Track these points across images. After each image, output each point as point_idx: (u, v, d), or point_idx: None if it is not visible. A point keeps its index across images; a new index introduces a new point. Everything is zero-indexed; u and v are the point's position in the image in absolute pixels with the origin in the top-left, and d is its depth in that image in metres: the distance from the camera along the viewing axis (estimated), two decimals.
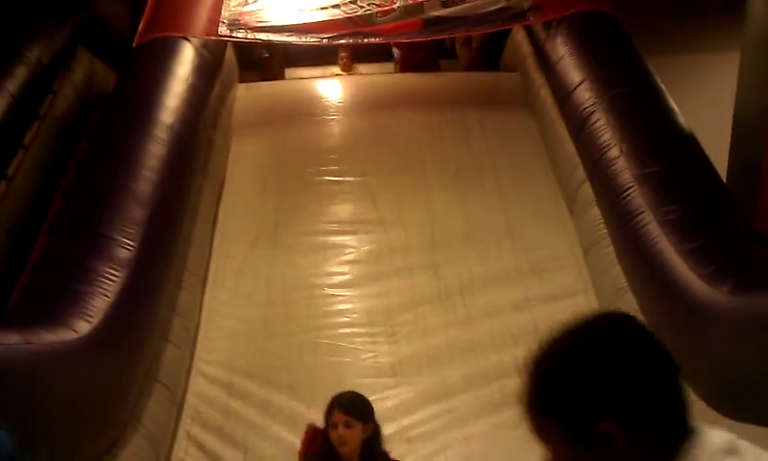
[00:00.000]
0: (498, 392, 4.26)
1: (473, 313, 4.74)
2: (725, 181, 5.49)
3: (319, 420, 4.00)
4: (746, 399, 3.19)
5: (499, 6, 6.33)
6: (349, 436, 3.43)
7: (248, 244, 5.31)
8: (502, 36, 7.52)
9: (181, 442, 4.20)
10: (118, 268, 3.91)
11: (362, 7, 6.33)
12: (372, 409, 3.56)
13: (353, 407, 3.49)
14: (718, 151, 5.68)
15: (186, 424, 4.28)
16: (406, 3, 6.36)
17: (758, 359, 3.09)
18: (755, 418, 3.04)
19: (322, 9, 6.36)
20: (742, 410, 3.16)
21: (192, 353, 4.60)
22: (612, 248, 4.76)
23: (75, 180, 5.70)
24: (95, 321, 3.54)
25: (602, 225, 4.92)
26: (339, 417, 3.46)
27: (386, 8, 6.33)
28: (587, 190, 5.23)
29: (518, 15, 6.32)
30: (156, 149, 4.87)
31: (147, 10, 6.33)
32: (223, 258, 5.25)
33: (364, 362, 4.39)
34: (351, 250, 5.20)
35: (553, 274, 5.07)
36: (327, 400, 4.07)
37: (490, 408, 4.21)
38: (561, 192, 5.70)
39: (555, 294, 4.92)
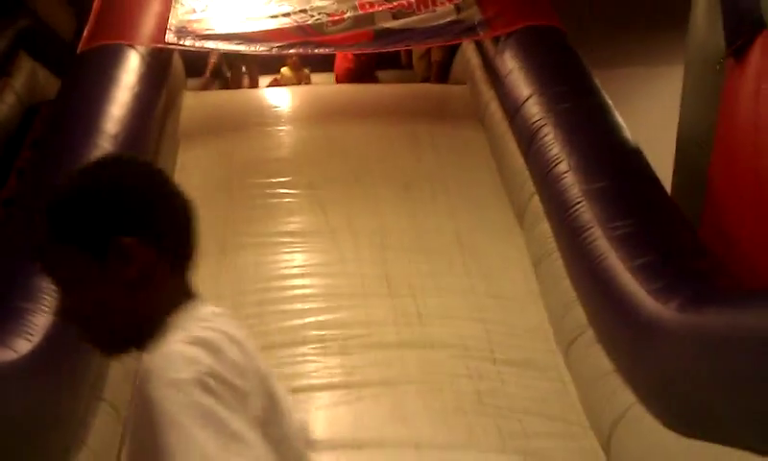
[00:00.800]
0: (452, 400, 4.25)
1: (426, 323, 4.72)
2: (670, 194, 5.60)
3: None
4: (697, 416, 3.22)
5: (449, 19, 6.36)
6: None
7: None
8: (454, 48, 7.55)
9: None
10: None
11: (312, 16, 6.30)
12: None
13: None
14: (664, 164, 5.78)
15: None
16: (356, 13, 6.35)
17: (707, 376, 3.13)
18: (706, 435, 3.09)
19: (272, 17, 6.31)
20: (693, 427, 3.20)
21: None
22: (561, 261, 4.80)
23: (16, 190, 5.54)
24: (36, 339, 3.42)
25: (552, 239, 4.97)
26: None
27: (336, 18, 6.31)
28: (536, 204, 5.28)
29: (469, 29, 6.35)
30: None
31: (92, 16, 6.18)
32: None
33: (317, 376, 4.33)
34: (302, 263, 5.14)
35: (504, 285, 5.10)
36: None
37: (442, 417, 4.19)
38: (510, 205, 5.73)
39: (505, 305, 4.95)
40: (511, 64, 6.03)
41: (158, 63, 6.15)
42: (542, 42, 6.14)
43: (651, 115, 7.36)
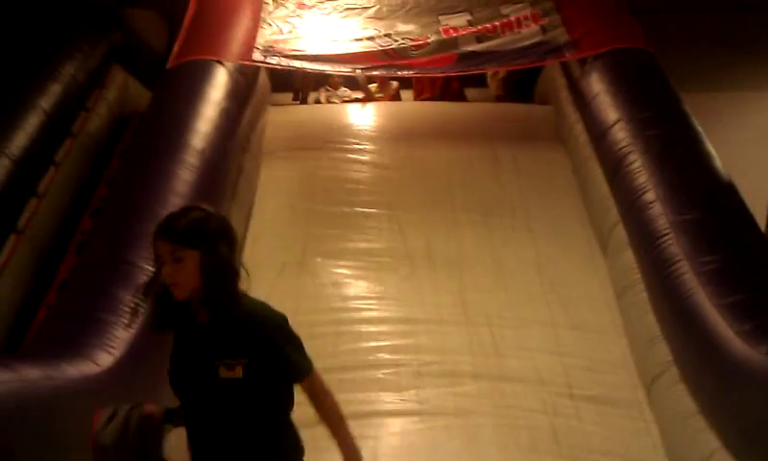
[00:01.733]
0: (526, 436, 4.14)
1: (502, 354, 4.64)
2: (764, 226, 5.38)
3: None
4: None
5: (534, 41, 6.29)
6: (179, 273, 2.42)
7: (275, 272, 5.25)
8: (534, 67, 7.44)
9: None
10: (142, 297, 3.86)
11: (396, 41, 6.33)
12: (220, 226, 2.50)
13: (181, 232, 2.43)
14: (758, 196, 5.56)
15: None
16: (440, 38, 6.36)
17: None
18: None
19: (356, 40, 6.38)
20: None
21: None
22: (646, 294, 4.65)
23: (104, 201, 5.70)
24: (117, 353, 3.50)
25: (636, 269, 4.81)
26: (163, 248, 2.46)
27: (420, 42, 6.33)
28: (621, 232, 5.13)
29: (554, 51, 6.27)
30: (186, 175, 4.85)
31: (182, 32, 6.35)
32: (248, 286, 5.19)
33: (389, 402, 4.30)
34: (379, 284, 5.14)
35: (585, 316, 4.97)
36: None
37: (515, 454, 4.09)
38: (594, 232, 5.59)
39: (585, 337, 4.82)
40: (597, 87, 5.91)
41: (245, 80, 6.26)
42: (631, 65, 6.00)
43: (744, 144, 7.10)
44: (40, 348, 3.61)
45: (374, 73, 6.57)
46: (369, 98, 7.61)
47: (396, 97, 7.95)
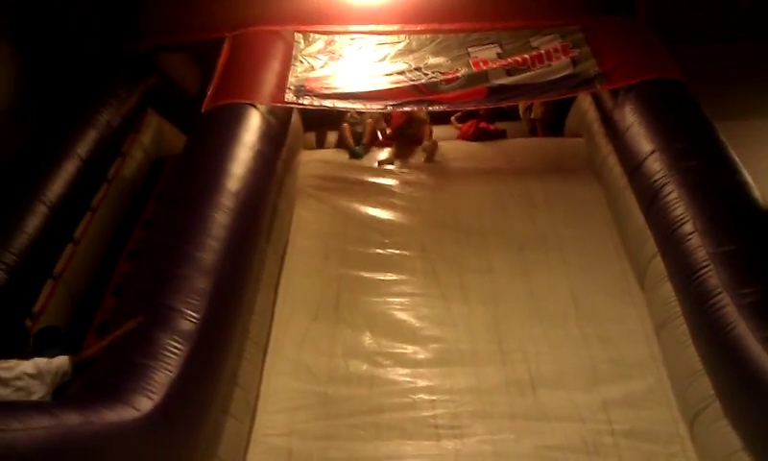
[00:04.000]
0: None
1: (539, 392, 4.60)
2: None
3: None
4: None
5: (565, 73, 6.28)
6: None
7: (310, 314, 5.27)
8: (566, 101, 7.42)
9: None
10: (181, 341, 3.89)
11: (426, 75, 6.36)
12: None
13: None
14: None
15: None
16: (470, 71, 6.37)
17: None
18: None
19: (386, 75, 6.41)
20: None
21: (251, 426, 4.54)
22: (685, 327, 4.58)
23: (141, 245, 5.75)
24: (157, 397, 3.51)
25: (675, 302, 4.74)
26: None
27: (450, 76, 6.35)
28: (658, 264, 5.07)
29: (585, 83, 6.25)
30: (221, 217, 4.89)
31: (215, 76, 6.43)
32: (284, 327, 5.21)
33: (426, 446, 4.26)
34: (413, 325, 5.12)
35: (623, 350, 4.90)
36: None
37: None
38: (630, 265, 5.53)
39: (625, 372, 4.75)
40: (631, 118, 5.87)
41: (278, 122, 6.32)
42: (664, 96, 5.96)
43: None
44: (81, 393, 3.63)
45: (405, 108, 6.55)
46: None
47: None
